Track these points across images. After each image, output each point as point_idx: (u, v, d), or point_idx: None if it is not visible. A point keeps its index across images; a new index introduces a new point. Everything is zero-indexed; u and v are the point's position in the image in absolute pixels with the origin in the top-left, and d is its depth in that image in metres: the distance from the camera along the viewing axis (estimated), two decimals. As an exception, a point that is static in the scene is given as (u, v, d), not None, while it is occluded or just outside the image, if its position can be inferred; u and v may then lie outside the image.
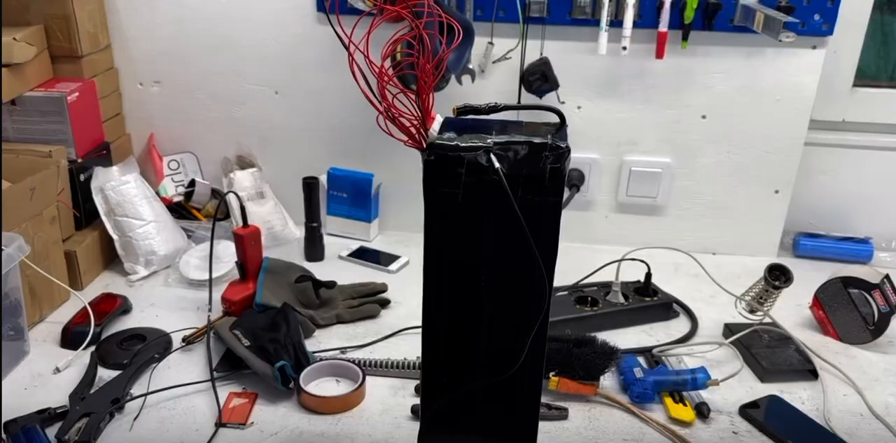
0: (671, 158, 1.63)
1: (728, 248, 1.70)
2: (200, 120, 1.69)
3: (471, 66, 1.52)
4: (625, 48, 1.46)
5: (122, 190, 1.50)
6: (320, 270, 1.48)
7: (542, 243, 0.77)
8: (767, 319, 1.35)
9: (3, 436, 1.03)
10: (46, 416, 1.06)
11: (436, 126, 0.76)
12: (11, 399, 1.13)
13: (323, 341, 1.32)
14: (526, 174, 0.74)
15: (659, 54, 1.49)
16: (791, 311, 1.45)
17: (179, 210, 1.70)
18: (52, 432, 1.05)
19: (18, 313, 1.20)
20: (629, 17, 1.44)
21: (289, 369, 1.14)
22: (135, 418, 1.10)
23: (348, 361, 1.21)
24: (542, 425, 1.11)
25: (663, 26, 1.46)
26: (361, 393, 1.16)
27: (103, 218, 1.49)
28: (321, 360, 1.21)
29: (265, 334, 1.19)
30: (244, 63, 1.62)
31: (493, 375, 0.84)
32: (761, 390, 1.24)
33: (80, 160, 1.47)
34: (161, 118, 1.70)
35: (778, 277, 1.33)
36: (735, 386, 1.24)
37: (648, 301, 1.43)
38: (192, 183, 1.69)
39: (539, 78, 1.50)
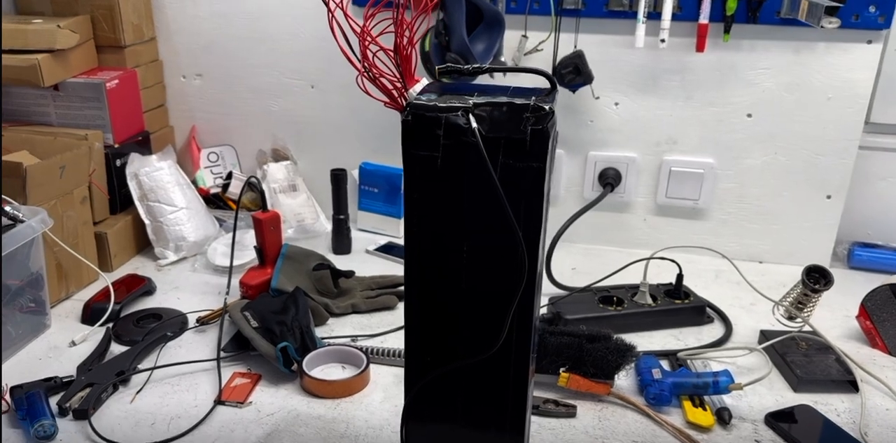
0: (714, 159, 1.56)
1: (776, 256, 1.61)
2: (239, 113, 1.72)
3: (503, 59, 1.49)
4: (663, 41, 1.42)
5: (155, 176, 1.53)
6: (346, 263, 1.47)
7: (526, 212, 0.73)
8: (807, 328, 1.26)
9: (7, 399, 1.05)
10: (52, 384, 1.08)
11: (417, 88, 0.74)
12: (25, 368, 1.16)
13: (336, 328, 1.30)
14: (507, 137, 0.71)
15: (699, 47, 1.43)
16: (838, 322, 1.36)
17: (216, 201, 1.72)
18: (56, 400, 1.06)
19: (40, 286, 1.23)
20: (668, 8, 1.40)
21: (291, 351, 1.12)
22: (137, 392, 1.11)
23: (355, 348, 1.19)
24: (548, 422, 1.07)
25: (704, 18, 1.41)
26: (364, 379, 1.14)
27: (136, 203, 1.52)
28: (329, 345, 1.19)
29: (274, 317, 1.19)
30: (282, 57, 1.64)
31: (478, 353, 0.80)
32: (793, 399, 1.15)
33: (116, 146, 1.50)
34: (202, 111, 1.73)
35: (817, 279, 1.24)
36: (764, 394, 1.16)
37: (679, 304, 1.36)
38: (230, 175, 1.72)
39: (572, 71, 1.46)
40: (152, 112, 1.66)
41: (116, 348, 1.21)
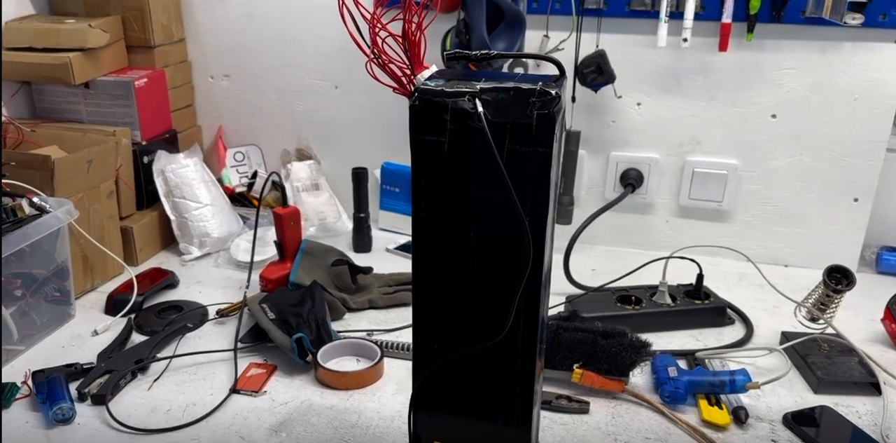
0: (738, 160, 1.55)
1: (801, 260, 1.58)
2: (264, 113, 1.75)
3: (524, 60, 1.50)
4: (685, 40, 1.41)
5: (181, 172, 1.56)
6: (366, 261, 1.48)
7: (532, 198, 0.73)
8: (831, 330, 1.24)
9: (29, 383, 1.07)
10: (73, 370, 1.11)
11: (426, 74, 0.75)
12: (48, 355, 1.19)
13: (353, 323, 1.31)
14: (513, 122, 0.71)
15: (722, 47, 1.42)
16: (863, 325, 1.33)
17: (241, 200, 1.75)
18: (76, 385, 1.09)
19: (65, 277, 1.26)
20: (691, 7, 1.39)
21: (306, 342, 1.13)
22: (155, 380, 1.13)
23: (370, 341, 1.19)
24: (560, 418, 1.07)
25: (727, 17, 1.40)
26: (377, 372, 1.14)
27: (162, 199, 1.56)
28: (344, 338, 1.20)
29: (290, 309, 1.20)
30: (306, 58, 1.66)
31: (485, 340, 0.80)
32: (813, 400, 1.13)
33: (144, 143, 1.54)
34: (229, 111, 1.77)
35: (839, 280, 1.22)
36: (783, 395, 1.14)
37: (698, 304, 1.34)
38: (255, 174, 1.74)
39: (594, 70, 1.46)
40: (180, 111, 1.70)
41: (137, 338, 1.23)
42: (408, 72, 0.74)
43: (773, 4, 1.39)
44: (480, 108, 0.70)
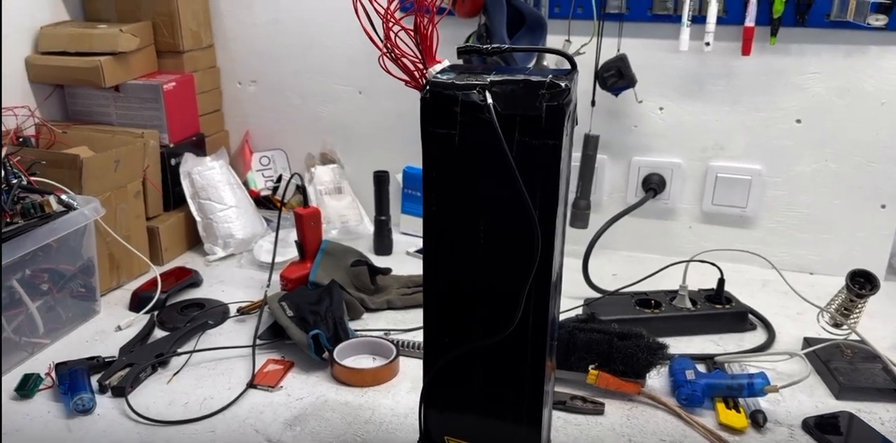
0: (762, 165, 1.53)
1: (828, 268, 1.56)
2: (290, 118, 1.77)
3: (545, 63, 1.51)
4: (708, 44, 1.41)
5: (207, 175, 1.59)
6: (386, 264, 1.49)
7: (542, 190, 0.74)
8: (855, 337, 1.22)
9: (52, 374, 1.10)
10: (95, 363, 1.13)
11: (438, 68, 0.76)
12: (72, 349, 1.22)
13: (370, 323, 1.32)
14: (522, 114, 0.72)
15: (745, 51, 1.42)
16: (889, 332, 1.31)
17: (266, 203, 1.77)
18: (97, 378, 1.11)
19: (91, 273, 1.29)
20: (713, 11, 1.39)
21: (323, 339, 1.14)
22: (175, 374, 1.15)
23: (386, 340, 1.20)
24: (574, 418, 1.07)
25: (750, 21, 1.40)
26: (392, 370, 1.15)
27: (188, 200, 1.59)
28: (361, 337, 1.21)
29: (308, 307, 1.22)
30: (331, 64, 1.69)
31: (494, 333, 0.80)
32: (834, 406, 1.11)
33: (172, 146, 1.57)
34: (255, 116, 1.80)
35: (863, 284, 1.20)
36: (803, 400, 1.12)
37: (719, 309, 1.33)
38: (280, 178, 1.77)
39: (614, 74, 1.46)
40: (209, 116, 1.73)
41: (159, 334, 1.25)
42: (420, 66, 0.75)
43: (797, 8, 1.38)
44: (490, 100, 0.71)
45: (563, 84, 0.71)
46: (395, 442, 1.01)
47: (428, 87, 0.73)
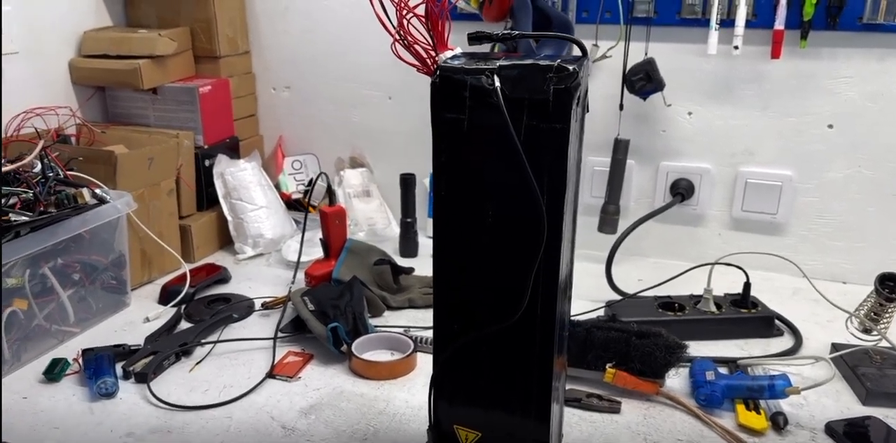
0: (793, 171, 1.51)
1: (861, 277, 1.52)
2: (322, 123, 1.81)
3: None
4: (736, 47, 1.40)
5: (239, 175, 1.63)
6: (410, 266, 1.50)
7: (549, 175, 0.74)
8: (885, 343, 1.19)
9: (79, 360, 1.13)
10: (120, 350, 1.16)
11: (448, 54, 0.77)
12: (101, 338, 1.25)
13: (391, 320, 1.33)
14: (530, 98, 0.72)
15: (775, 54, 1.40)
16: (923, 340, 1.26)
17: (297, 206, 1.81)
18: (122, 364, 1.14)
19: (122, 266, 1.33)
20: (742, 14, 1.38)
21: (342, 332, 1.16)
22: (197, 363, 1.17)
23: (404, 335, 1.21)
24: (589, 415, 1.06)
25: (779, 24, 1.39)
26: (409, 364, 1.16)
27: (221, 200, 1.62)
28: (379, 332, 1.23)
29: (329, 301, 1.23)
30: (362, 70, 1.72)
31: (502, 321, 0.81)
32: (860, 411, 1.08)
33: (206, 147, 1.61)
34: (288, 121, 1.84)
35: (893, 288, 1.17)
36: (828, 405, 1.09)
37: (745, 313, 1.31)
38: (311, 182, 1.80)
39: (642, 78, 1.46)
40: (243, 120, 1.78)
41: (186, 326, 1.28)
42: (432, 53, 0.77)
43: (828, 11, 1.37)
44: (497, 83, 0.72)
45: (570, 67, 0.72)
46: (408, 432, 1.02)
47: (438, 72, 0.75)
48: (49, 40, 1.50)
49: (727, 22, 1.40)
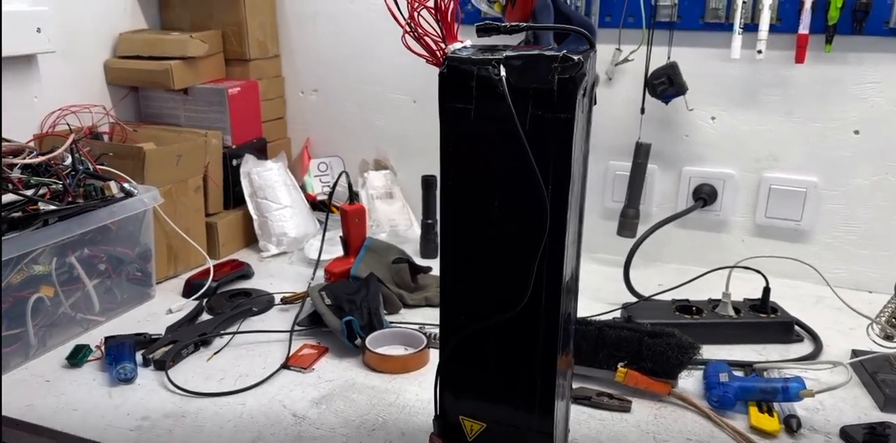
0: (818, 177, 1.49)
1: (888, 286, 1.45)
2: (347, 126, 1.84)
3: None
4: (760, 52, 1.40)
5: (265, 175, 1.66)
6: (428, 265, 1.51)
7: (555, 165, 0.75)
8: (908, 350, 1.17)
9: (102, 346, 1.16)
10: (141, 339, 1.19)
11: (457, 45, 0.79)
12: (124, 328, 1.28)
13: (407, 317, 1.35)
14: (535, 87, 0.74)
15: (799, 58, 1.40)
16: (949, 348, 1.24)
17: (321, 207, 1.83)
18: (142, 352, 1.17)
19: (148, 259, 1.37)
20: (766, 19, 1.38)
21: (356, 326, 1.17)
22: (215, 353, 1.20)
23: (418, 331, 1.22)
24: (599, 413, 1.06)
25: (804, 28, 1.38)
26: (421, 359, 1.17)
27: (247, 199, 1.66)
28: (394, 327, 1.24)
29: (346, 296, 1.25)
30: (387, 74, 1.75)
31: (507, 311, 0.81)
32: (878, 418, 1.06)
33: (234, 147, 1.65)
34: (315, 124, 1.87)
35: (914, 293, 1.15)
36: (845, 410, 1.08)
37: (763, 318, 1.29)
38: (335, 184, 1.83)
39: (664, 82, 1.46)
40: (272, 123, 1.81)
41: (206, 318, 1.31)
42: (442, 45, 0.78)
43: (854, 15, 1.36)
44: (503, 73, 0.73)
45: (575, 58, 0.73)
46: (416, 424, 1.03)
47: (446, 62, 0.76)
48: (86, 41, 1.56)
49: (751, 26, 1.40)
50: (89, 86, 1.57)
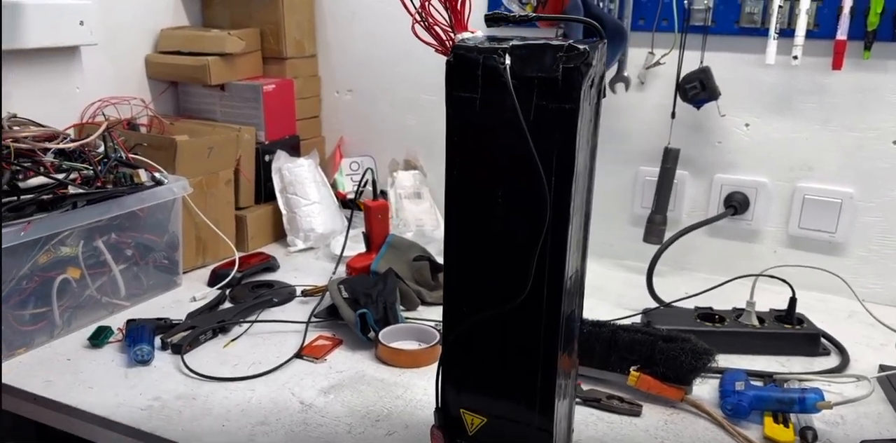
0: (854, 188, 1.45)
1: (927, 303, 1.44)
2: (379, 125, 1.86)
3: (626, 74, 1.51)
4: (796, 58, 1.37)
5: (296, 171, 1.69)
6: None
7: (558, 155, 0.75)
8: (939, 367, 1.12)
9: (124, 329, 1.19)
10: (162, 323, 1.22)
11: (466, 35, 0.79)
12: (148, 312, 1.31)
13: (424, 314, 1.35)
14: (540, 77, 0.74)
15: (836, 64, 1.36)
16: None
17: (351, 205, 1.85)
18: (161, 337, 1.20)
19: (175, 247, 1.40)
20: (802, 24, 1.35)
21: (370, 319, 1.18)
22: (232, 340, 1.22)
23: (432, 328, 1.22)
24: (608, 416, 1.04)
25: (842, 34, 1.35)
26: (432, 355, 1.17)
27: (277, 194, 1.69)
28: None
29: (363, 290, 1.26)
30: (420, 74, 1.76)
31: (509, 302, 0.81)
32: (901, 434, 1.02)
33: (267, 143, 1.68)
34: (349, 124, 1.90)
35: (946, 307, 1.10)
36: (866, 426, 1.04)
37: (788, 329, 1.26)
38: (364, 183, 1.84)
39: (696, 86, 1.44)
40: (307, 121, 1.84)
41: (227, 307, 1.33)
42: (451, 34, 0.79)
43: (894, 21, 1.32)
44: (508, 61, 0.74)
45: (581, 47, 0.72)
46: (420, 416, 1.02)
47: (453, 51, 0.77)
48: (128, 36, 1.61)
49: (787, 31, 1.37)
50: (130, 79, 1.63)
